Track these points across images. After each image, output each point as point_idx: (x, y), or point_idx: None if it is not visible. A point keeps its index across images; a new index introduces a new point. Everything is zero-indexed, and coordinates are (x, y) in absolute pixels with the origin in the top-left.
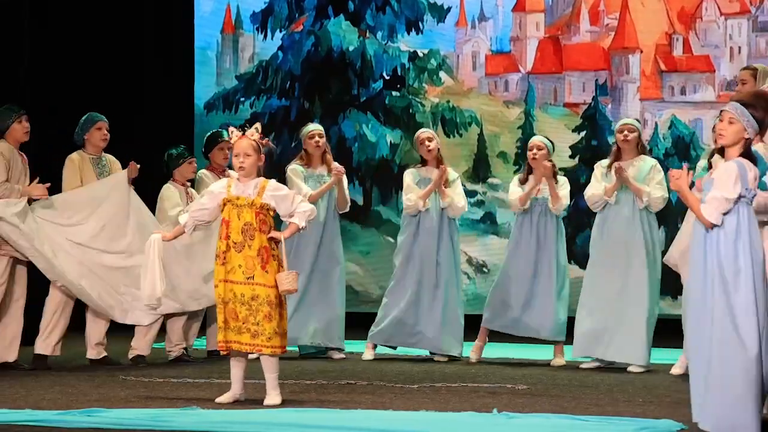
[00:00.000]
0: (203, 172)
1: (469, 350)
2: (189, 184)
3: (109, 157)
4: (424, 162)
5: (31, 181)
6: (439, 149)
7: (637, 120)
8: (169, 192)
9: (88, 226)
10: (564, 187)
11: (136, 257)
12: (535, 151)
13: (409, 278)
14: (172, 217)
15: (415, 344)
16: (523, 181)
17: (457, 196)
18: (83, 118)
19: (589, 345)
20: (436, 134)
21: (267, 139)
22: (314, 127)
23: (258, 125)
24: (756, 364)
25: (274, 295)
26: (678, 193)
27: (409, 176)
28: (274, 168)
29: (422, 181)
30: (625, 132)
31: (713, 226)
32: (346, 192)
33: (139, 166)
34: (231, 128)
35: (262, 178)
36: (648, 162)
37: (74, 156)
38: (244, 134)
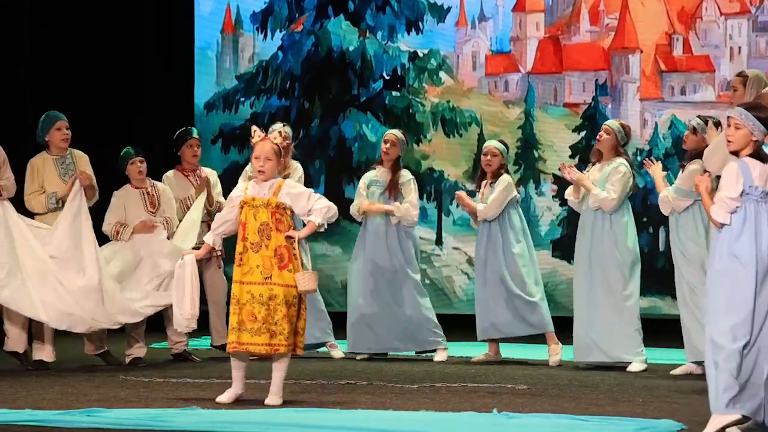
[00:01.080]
0: (168, 174)
1: (477, 354)
2: (149, 181)
3: (76, 153)
4: (381, 163)
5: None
6: (399, 156)
7: (622, 124)
8: (115, 198)
9: (51, 239)
10: (495, 190)
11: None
12: (489, 157)
13: (362, 284)
14: (104, 229)
15: (382, 349)
16: (478, 188)
17: (406, 207)
18: (42, 118)
19: (587, 351)
20: (402, 137)
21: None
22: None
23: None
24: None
25: (292, 294)
26: (699, 195)
27: (362, 180)
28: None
29: (372, 183)
30: (601, 133)
31: (722, 225)
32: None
33: (89, 172)
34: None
35: (278, 179)
36: (614, 164)
37: (35, 160)
38: (266, 136)
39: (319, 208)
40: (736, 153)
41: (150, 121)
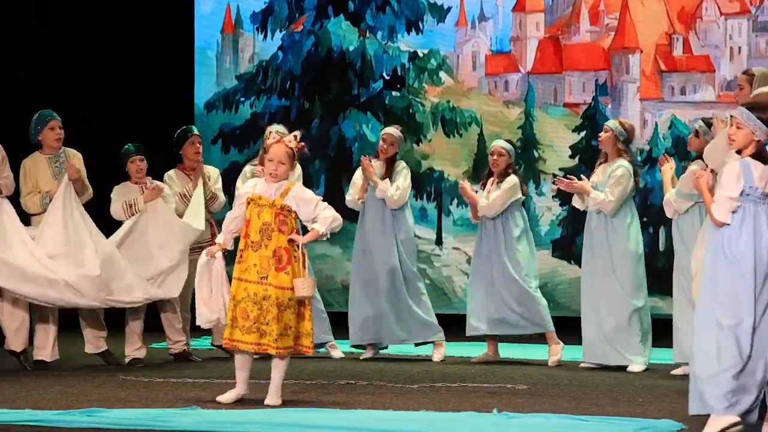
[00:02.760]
0: (169, 173)
1: (477, 354)
2: (147, 179)
3: (69, 152)
4: (377, 157)
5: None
6: (396, 153)
7: (621, 123)
8: (114, 193)
9: (48, 237)
10: (499, 188)
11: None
12: (496, 157)
13: (361, 275)
14: (112, 213)
15: (383, 340)
16: (483, 186)
17: (392, 188)
18: (34, 117)
19: (595, 352)
20: (400, 134)
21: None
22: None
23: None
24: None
25: (287, 297)
26: (699, 192)
27: (356, 172)
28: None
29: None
30: (600, 134)
31: (723, 224)
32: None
33: (78, 167)
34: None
35: (287, 181)
36: (614, 165)
37: (26, 162)
38: (281, 139)
39: (324, 218)
40: (739, 152)
41: (150, 121)
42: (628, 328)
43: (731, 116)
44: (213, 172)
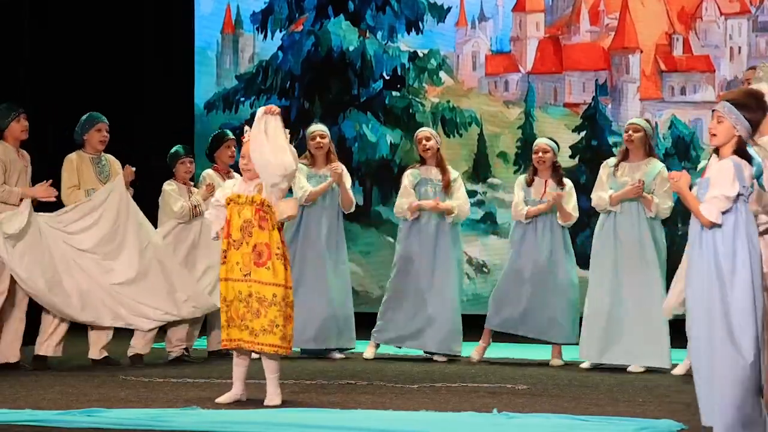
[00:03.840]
0: (207, 172)
1: (472, 351)
2: (191, 183)
3: (109, 157)
4: (422, 161)
5: (35, 182)
6: (438, 149)
7: (647, 120)
8: (170, 188)
9: (91, 233)
10: (571, 196)
11: (134, 266)
12: (541, 154)
13: (407, 281)
14: (177, 212)
15: (415, 345)
16: (529, 183)
17: (460, 204)
18: (83, 117)
19: (599, 350)
20: (436, 133)
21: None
22: (316, 128)
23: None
24: (752, 368)
25: (270, 293)
26: (678, 194)
27: (407, 178)
28: None
29: (422, 182)
30: (630, 132)
31: (713, 225)
32: (350, 191)
33: (134, 168)
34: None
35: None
36: (656, 166)
37: (72, 156)
38: None
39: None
40: (717, 150)
41: (150, 121)
42: (659, 328)
43: (713, 110)
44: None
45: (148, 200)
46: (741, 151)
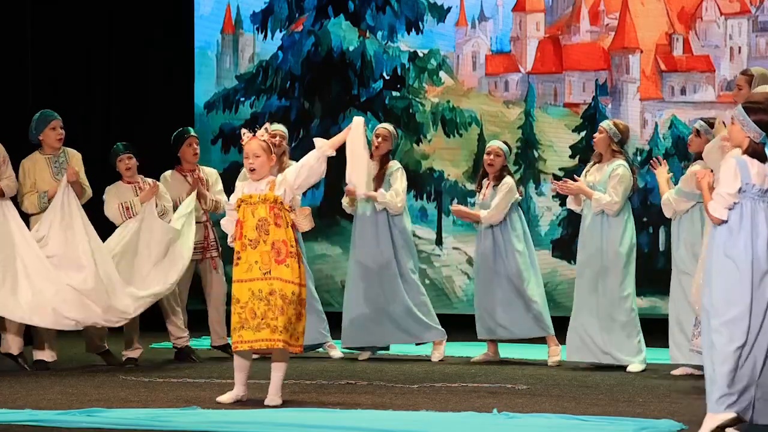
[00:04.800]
0: (166, 174)
1: (477, 354)
2: (140, 180)
3: (69, 152)
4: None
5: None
6: (389, 150)
7: (616, 123)
8: (110, 189)
9: (44, 242)
10: (501, 191)
11: (90, 264)
12: (492, 156)
13: (358, 279)
14: (109, 215)
15: (377, 342)
16: (477, 187)
17: (389, 196)
18: (35, 117)
19: (581, 349)
20: (393, 132)
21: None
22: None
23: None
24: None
25: (290, 291)
26: (700, 192)
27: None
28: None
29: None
30: (594, 134)
31: (720, 221)
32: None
33: (78, 169)
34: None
35: (271, 177)
36: (612, 165)
37: (26, 162)
38: (254, 135)
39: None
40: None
41: (150, 121)
42: (627, 328)
43: (732, 116)
44: (212, 174)
45: None
46: (754, 151)
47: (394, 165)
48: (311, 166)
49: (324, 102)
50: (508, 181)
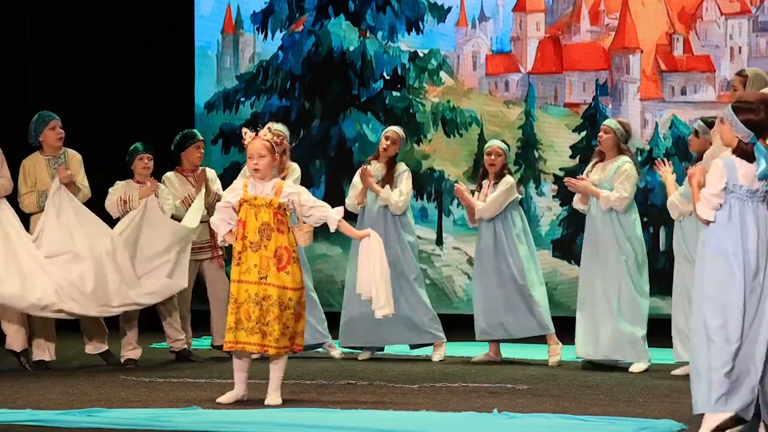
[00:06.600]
0: (168, 175)
1: (477, 354)
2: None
3: (69, 153)
4: (377, 158)
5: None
6: (397, 153)
7: (621, 122)
8: (117, 183)
9: (39, 242)
10: (500, 188)
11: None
12: (493, 156)
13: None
14: (107, 206)
15: (379, 343)
16: (478, 187)
17: (395, 195)
18: (34, 118)
19: (587, 346)
20: (403, 136)
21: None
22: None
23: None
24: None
25: (287, 297)
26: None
27: (358, 172)
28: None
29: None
30: (600, 134)
31: (706, 221)
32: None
33: (69, 171)
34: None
35: (277, 179)
36: (618, 162)
37: (26, 162)
38: (257, 135)
39: (336, 211)
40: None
41: (150, 120)
42: (636, 328)
43: (722, 116)
44: (210, 173)
45: None
46: (742, 152)
47: (402, 167)
48: (323, 215)
49: (324, 102)
50: (508, 179)
